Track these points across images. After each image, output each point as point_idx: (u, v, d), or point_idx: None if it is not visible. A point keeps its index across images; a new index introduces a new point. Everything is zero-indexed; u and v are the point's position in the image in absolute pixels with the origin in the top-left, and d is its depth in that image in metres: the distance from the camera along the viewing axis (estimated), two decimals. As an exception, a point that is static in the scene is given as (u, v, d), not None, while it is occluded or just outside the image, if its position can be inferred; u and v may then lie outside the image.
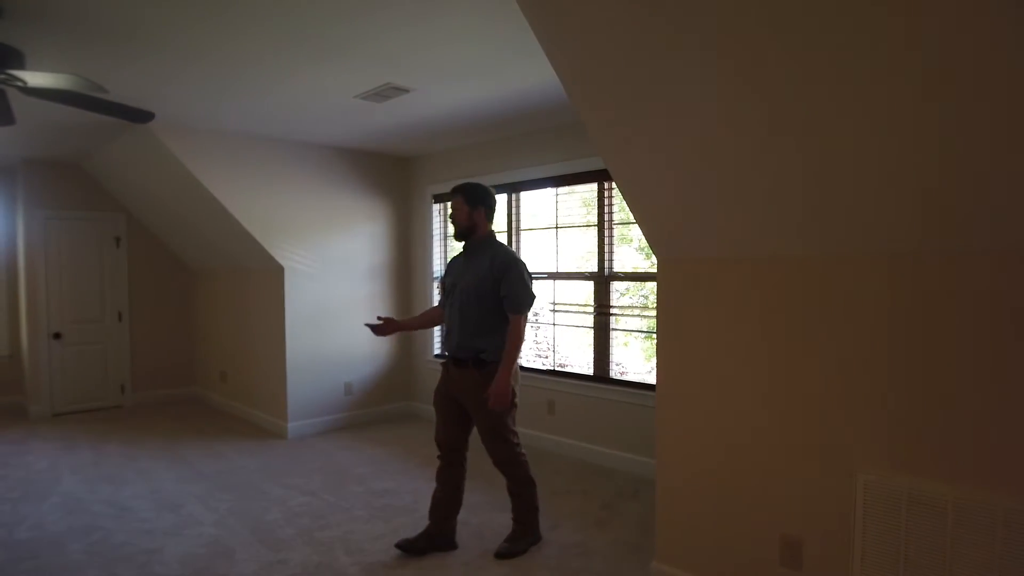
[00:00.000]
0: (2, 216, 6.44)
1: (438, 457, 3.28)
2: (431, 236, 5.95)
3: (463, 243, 3.18)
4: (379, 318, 3.27)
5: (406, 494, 4.01)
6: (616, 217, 4.54)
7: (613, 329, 4.62)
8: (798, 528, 2.40)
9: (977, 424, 1.99)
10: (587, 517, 3.64)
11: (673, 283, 2.71)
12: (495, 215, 3.23)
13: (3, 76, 2.78)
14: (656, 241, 2.69)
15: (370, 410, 5.94)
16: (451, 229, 5.85)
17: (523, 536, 3.22)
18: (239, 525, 3.53)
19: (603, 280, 4.60)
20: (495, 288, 3.00)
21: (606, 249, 4.56)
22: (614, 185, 4.46)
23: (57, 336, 6.23)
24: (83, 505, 3.85)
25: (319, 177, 5.54)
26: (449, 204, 3.21)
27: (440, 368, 3.31)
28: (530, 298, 3.05)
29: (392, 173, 6.06)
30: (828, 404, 2.30)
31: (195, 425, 5.86)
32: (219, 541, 3.33)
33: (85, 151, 5.65)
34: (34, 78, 2.79)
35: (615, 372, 4.66)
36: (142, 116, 3.31)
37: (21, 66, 2.82)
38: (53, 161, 6.12)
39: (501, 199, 5.30)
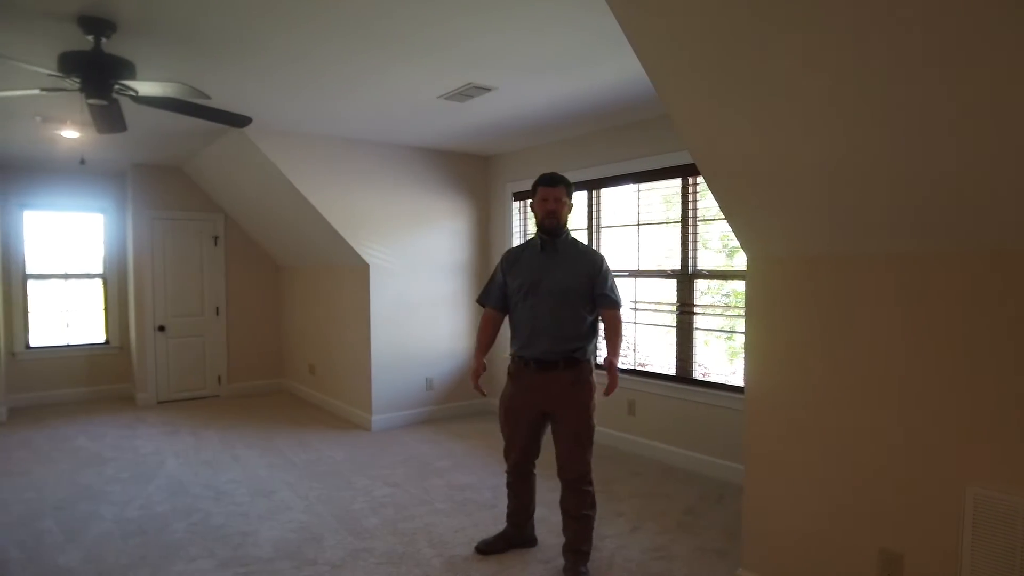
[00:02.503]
0: (114, 217, 6.94)
1: (509, 472, 3.14)
2: (511, 233, 5.98)
3: (543, 239, 2.94)
4: (476, 383, 3.04)
5: (486, 489, 4.05)
6: (700, 214, 4.42)
7: (696, 329, 4.51)
8: (899, 542, 2.26)
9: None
10: (669, 521, 3.57)
11: (766, 282, 2.61)
12: None
13: (117, 86, 2.99)
14: (748, 238, 2.60)
15: (450, 405, 6.04)
16: (530, 223, 5.92)
17: (584, 564, 2.94)
18: (327, 512, 3.67)
19: (687, 278, 4.50)
20: (590, 287, 2.86)
21: (690, 246, 4.45)
22: (699, 180, 4.35)
23: (161, 329, 6.65)
24: (184, 487, 4.09)
25: (402, 176, 5.68)
26: (539, 196, 2.92)
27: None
28: (620, 294, 2.99)
29: (472, 171, 6.13)
30: (937, 411, 2.16)
31: (285, 415, 6.12)
32: (308, 527, 3.46)
33: (186, 155, 6.01)
34: (144, 87, 2.99)
35: (697, 373, 4.55)
36: (240, 121, 3.48)
37: (132, 76, 3.02)
38: (158, 165, 6.53)
39: (581, 196, 5.28)
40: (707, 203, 4.35)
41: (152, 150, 5.78)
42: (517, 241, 6.00)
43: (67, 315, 6.84)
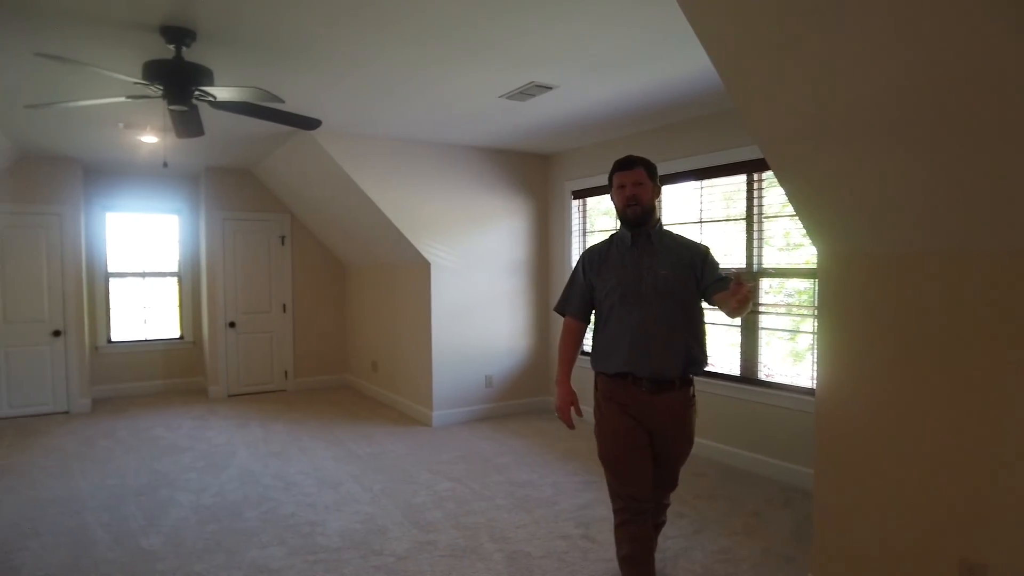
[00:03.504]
0: (188, 217, 7.25)
1: (620, 511, 2.50)
2: (570, 232, 5.98)
3: (632, 232, 2.51)
4: (567, 417, 2.64)
5: (546, 486, 4.06)
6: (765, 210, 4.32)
7: (761, 328, 4.41)
8: (983, 552, 2.16)
9: None
10: (734, 523, 3.51)
11: (841, 279, 2.53)
12: None
13: (197, 92, 3.13)
14: (821, 234, 2.53)
15: (509, 403, 6.08)
16: (589, 220, 5.91)
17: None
18: (391, 505, 3.75)
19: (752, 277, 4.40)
20: (697, 278, 2.45)
21: (755, 243, 4.36)
22: (763, 176, 4.25)
23: (232, 325, 6.92)
24: (255, 477, 4.25)
25: (463, 176, 5.75)
26: (616, 183, 2.52)
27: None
28: None
29: (532, 170, 6.15)
30: (1013, 413, 2.06)
31: (349, 410, 6.28)
32: (374, 519, 3.55)
33: (256, 158, 6.23)
34: (222, 92, 3.12)
35: (761, 373, 4.45)
36: (310, 123, 3.59)
37: (211, 83, 3.16)
38: (230, 168, 6.80)
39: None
40: (771, 199, 4.24)
41: (224, 153, 6.02)
42: (576, 240, 5.98)
43: (145, 311, 7.19)
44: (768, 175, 4.19)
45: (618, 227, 2.62)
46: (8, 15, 2.77)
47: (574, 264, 5.88)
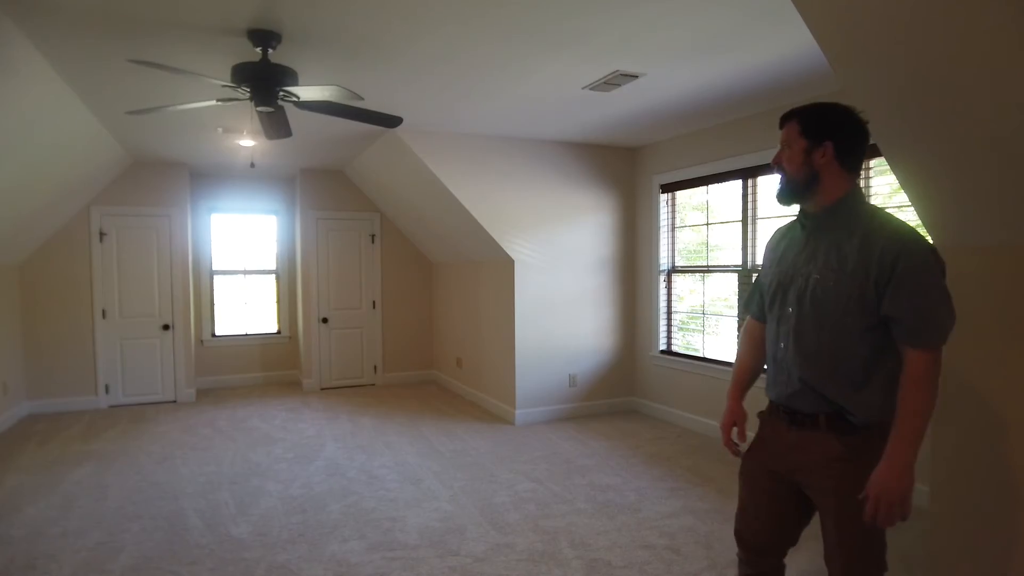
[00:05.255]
0: (285, 217, 7.56)
1: (741, 560, 2.03)
2: (658, 228, 5.76)
3: (800, 209, 1.86)
4: (727, 439, 2.04)
5: (629, 492, 3.91)
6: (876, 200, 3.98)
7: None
8: None
9: None
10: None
11: (962, 274, 2.25)
12: (860, 164, 1.82)
13: (282, 93, 3.20)
14: (939, 225, 2.26)
15: (593, 403, 5.94)
16: (678, 216, 5.68)
17: None
18: (470, 504, 3.72)
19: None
20: (868, 297, 1.66)
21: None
22: (871, 164, 3.91)
23: (325, 321, 7.15)
24: (341, 470, 4.34)
25: (546, 171, 5.66)
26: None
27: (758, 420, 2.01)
28: (949, 319, 1.65)
29: (618, 164, 5.98)
30: None
31: (433, 406, 6.34)
32: (452, 517, 3.53)
33: (347, 158, 6.39)
34: (305, 92, 3.17)
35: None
36: (392, 121, 3.60)
37: (295, 83, 3.22)
38: (323, 169, 7.02)
39: (735, 186, 4.97)
40: (878, 188, 3.90)
41: (316, 155, 6.21)
42: (665, 236, 5.75)
43: (246, 307, 7.55)
44: (877, 162, 3.85)
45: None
46: (111, 26, 2.93)
47: (663, 261, 5.74)
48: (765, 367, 1.97)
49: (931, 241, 2.31)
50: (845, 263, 1.70)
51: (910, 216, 3.47)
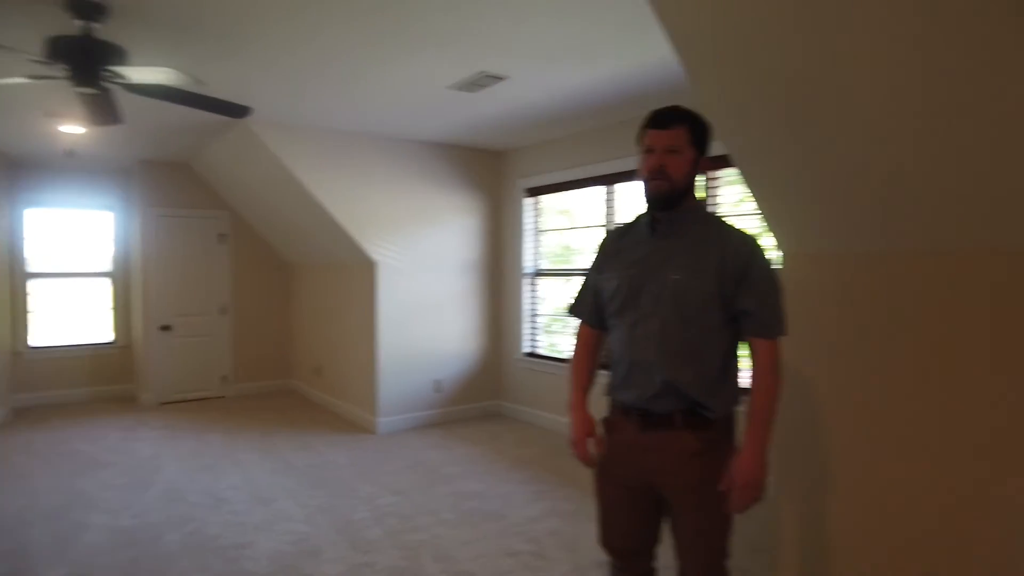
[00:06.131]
0: (122, 215, 6.81)
1: (615, 567, 2.00)
2: (522, 232, 5.79)
3: (652, 215, 1.84)
4: (580, 451, 1.96)
5: (495, 498, 3.86)
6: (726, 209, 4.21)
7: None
8: (945, 568, 2.04)
9: None
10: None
11: (803, 280, 2.39)
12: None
13: (107, 73, 2.84)
14: (784, 233, 2.39)
15: (459, 408, 5.85)
16: (544, 220, 5.72)
17: None
18: (327, 523, 3.50)
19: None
20: (725, 295, 1.73)
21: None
22: (719, 175, 4.13)
23: (166, 328, 6.52)
24: (182, 495, 3.93)
25: (411, 172, 5.50)
26: (644, 145, 1.79)
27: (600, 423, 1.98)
28: (785, 313, 1.79)
29: (484, 167, 5.94)
30: (988, 423, 1.94)
31: (290, 417, 5.96)
32: (307, 539, 3.29)
33: (193, 151, 5.87)
34: (135, 74, 2.83)
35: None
36: (239, 111, 3.32)
37: (123, 63, 2.86)
38: (165, 161, 6.41)
39: (597, 191, 5.08)
40: (730, 196, 4.13)
41: (157, 146, 5.65)
42: (530, 240, 5.79)
43: (73, 314, 6.72)
44: (725, 173, 4.07)
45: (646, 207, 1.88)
46: None
47: (527, 265, 5.77)
48: (609, 371, 1.92)
49: (779, 245, 2.44)
50: (704, 263, 1.74)
51: (746, 225, 3.69)
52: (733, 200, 4.09)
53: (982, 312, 1.94)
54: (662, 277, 1.76)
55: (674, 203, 1.77)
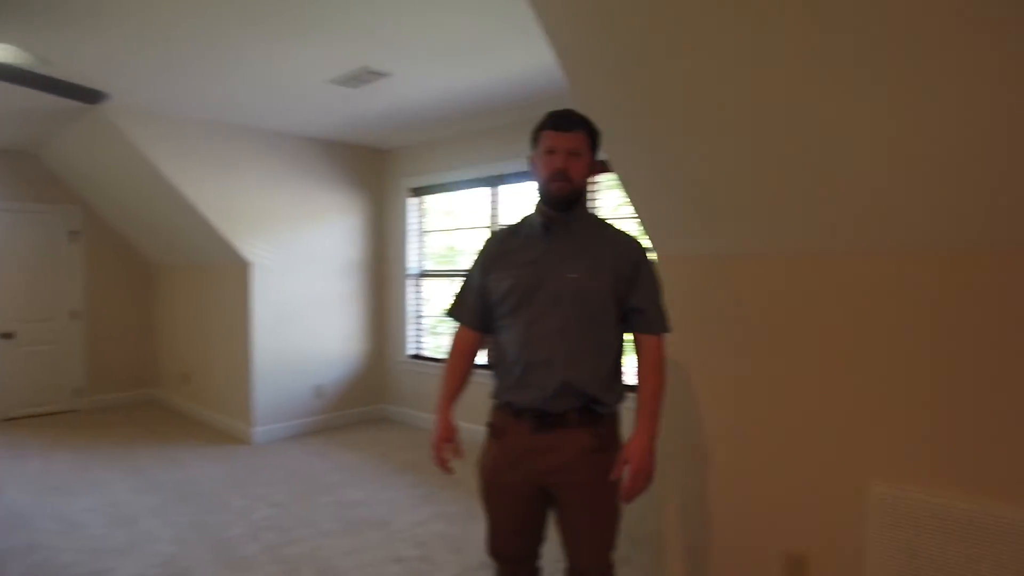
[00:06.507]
0: (-53, 207, 6.04)
1: (503, 574, 1.99)
2: (406, 232, 5.70)
3: (547, 215, 1.83)
4: (440, 458, 1.95)
5: (379, 504, 3.76)
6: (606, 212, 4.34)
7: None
8: (803, 544, 2.22)
9: (1001, 435, 1.83)
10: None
11: (678, 279, 2.50)
12: None
13: (-71, 46, 2.50)
14: (657, 236, 2.49)
15: (341, 413, 5.67)
16: (428, 221, 5.66)
17: None
18: (198, 541, 3.26)
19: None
20: (619, 293, 1.80)
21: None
22: (597, 179, 4.26)
23: (7, 336, 5.85)
24: (27, 520, 3.53)
25: (291, 169, 5.26)
26: (544, 146, 1.79)
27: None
28: (667, 310, 1.90)
29: (368, 165, 5.79)
30: (838, 411, 2.13)
31: (155, 430, 5.53)
32: (175, 560, 3.06)
33: (39, 139, 5.30)
34: (-35, 49, 2.51)
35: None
36: (91, 96, 3.03)
37: (-49, 36, 2.54)
38: (8, 150, 5.74)
39: (483, 193, 5.09)
40: (609, 201, 4.27)
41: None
42: (414, 240, 5.71)
43: None
44: (603, 177, 4.19)
45: (535, 208, 1.89)
46: None
47: (413, 265, 5.69)
48: (494, 373, 1.91)
49: (654, 246, 2.54)
50: (600, 263, 1.79)
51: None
52: (613, 204, 4.22)
53: (830, 309, 2.12)
54: (560, 276, 1.78)
55: (572, 205, 1.81)
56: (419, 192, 5.61)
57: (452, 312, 2.01)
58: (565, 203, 1.79)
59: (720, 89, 1.87)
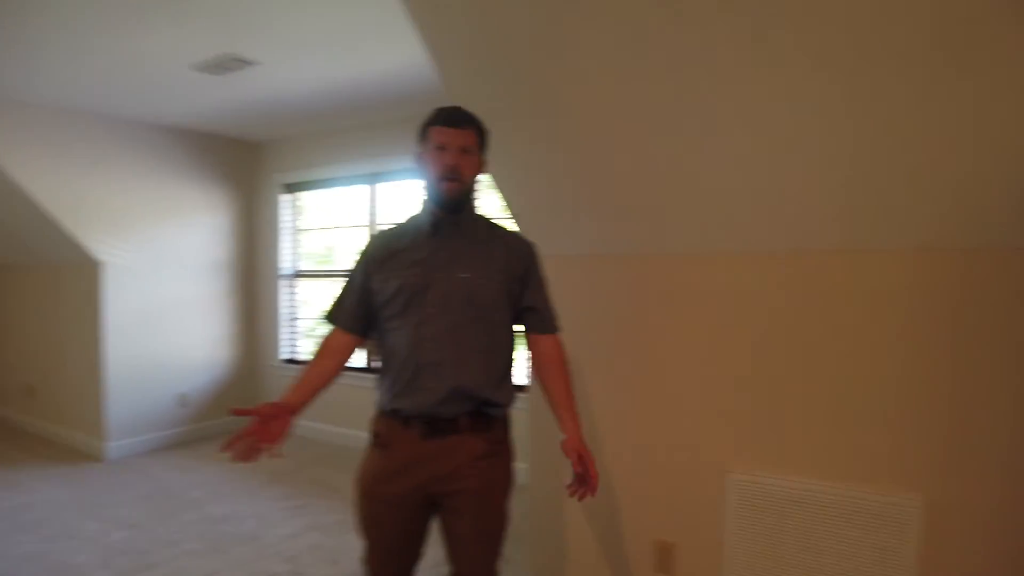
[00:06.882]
0: None
1: None
2: (279, 230, 5.44)
3: (436, 215, 1.75)
4: (258, 435, 1.61)
5: (248, 519, 3.56)
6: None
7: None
8: (671, 533, 2.33)
9: (839, 421, 2.00)
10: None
11: (559, 278, 2.54)
12: None
13: None
14: (535, 236, 2.50)
15: (209, 423, 5.33)
16: (304, 219, 5.43)
17: None
18: (39, 573, 2.94)
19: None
20: (511, 293, 1.78)
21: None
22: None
23: None
24: None
25: (150, 161, 4.87)
26: (434, 142, 1.70)
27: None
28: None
29: (238, 159, 5.47)
30: (701, 404, 2.25)
31: (-11, 450, 4.95)
32: (7, 595, 2.75)
33: None
34: None
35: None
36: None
37: None
38: None
39: (362, 191, 4.96)
40: (490, 201, 4.28)
41: None
42: (288, 239, 5.46)
43: None
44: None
45: (422, 207, 1.79)
46: None
47: (286, 266, 5.44)
48: (381, 380, 1.81)
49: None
50: (492, 262, 1.75)
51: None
52: (494, 205, 4.23)
53: (694, 308, 2.24)
54: (450, 276, 1.71)
55: (463, 205, 1.75)
56: (293, 188, 5.38)
57: (330, 316, 1.88)
58: (455, 202, 1.73)
59: (594, 92, 1.90)
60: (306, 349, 5.44)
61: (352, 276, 1.85)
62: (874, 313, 1.94)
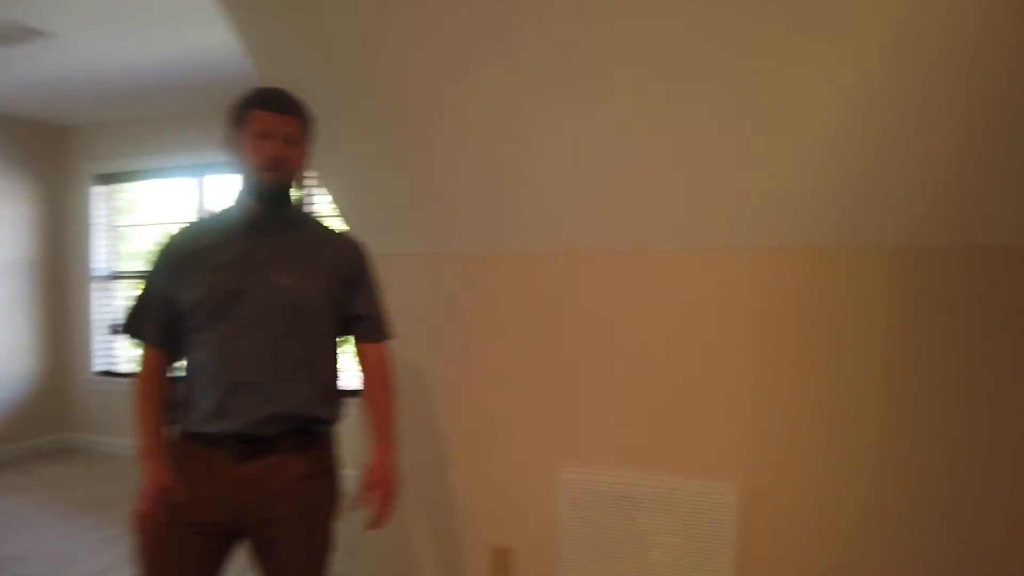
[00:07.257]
0: None
1: None
2: (90, 225, 4.85)
3: (255, 208, 1.54)
4: (143, 519, 1.48)
5: (44, 557, 3.10)
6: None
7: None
8: (509, 537, 2.30)
9: (665, 416, 2.05)
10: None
11: (395, 278, 2.40)
12: None
13: None
14: (360, 234, 2.36)
15: (8, 448, 4.63)
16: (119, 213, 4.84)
17: None
18: None
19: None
20: (338, 299, 1.60)
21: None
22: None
23: None
24: None
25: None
26: (254, 127, 1.47)
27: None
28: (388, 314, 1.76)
29: (39, 145, 4.80)
30: (531, 403, 2.23)
31: None
32: None
33: None
34: None
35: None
36: None
37: None
38: None
39: (187, 184, 4.53)
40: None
41: None
42: (101, 235, 4.87)
43: None
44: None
45: (236, 200, 1.58)
46: None
47: (99, 265, 4.84)
48: (183, 399, 1.56)
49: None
50: (316, 266, 1.56)
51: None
52: (323, 202, 4.01)
53: (528, 307, 2.21)
54: (267, 281, 1.50)
55: (284, 200, 1.55)
56: (109, 179, 4.81)
57: (129, 327, 1.62)
58: (277, 197, 1.53)
59: (417, 88, 1.81)
60: (125, 359, 4.87)
61: (150, 280, 1.59)
62: (691, 313, 2.00)
